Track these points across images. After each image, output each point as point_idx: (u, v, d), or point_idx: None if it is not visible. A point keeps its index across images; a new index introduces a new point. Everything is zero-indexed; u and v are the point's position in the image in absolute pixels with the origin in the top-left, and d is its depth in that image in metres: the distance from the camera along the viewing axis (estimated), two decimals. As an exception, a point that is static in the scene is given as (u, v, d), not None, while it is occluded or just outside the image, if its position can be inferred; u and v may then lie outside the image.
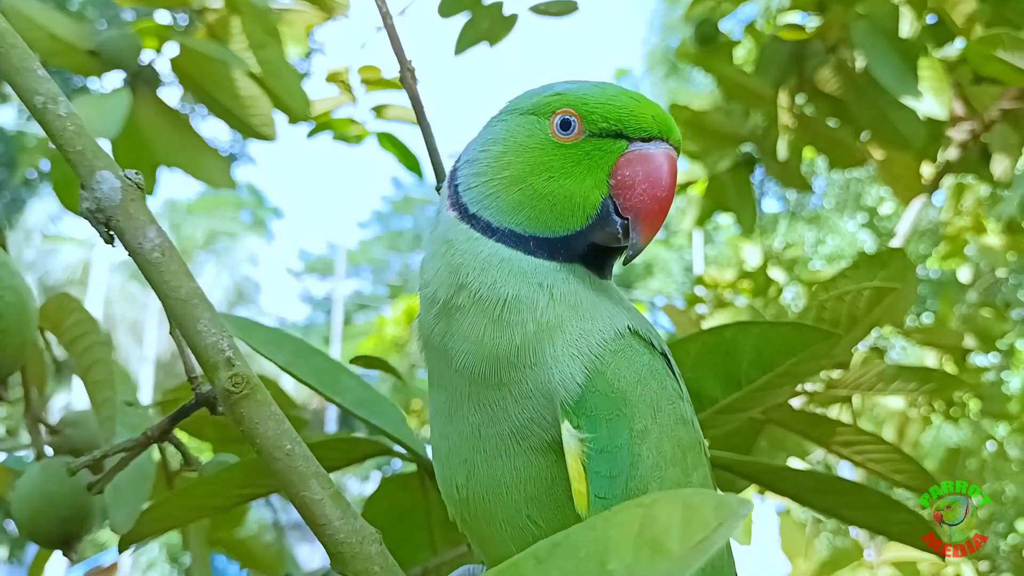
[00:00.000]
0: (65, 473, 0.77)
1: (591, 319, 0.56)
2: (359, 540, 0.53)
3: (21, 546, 5.18)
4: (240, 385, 0.53)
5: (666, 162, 0.56)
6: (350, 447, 0.90)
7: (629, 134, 0.57)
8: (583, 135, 0.57)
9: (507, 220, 0.57)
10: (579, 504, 0.52)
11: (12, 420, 9.05)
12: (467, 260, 0.57)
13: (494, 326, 0.55)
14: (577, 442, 0.53)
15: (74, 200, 1.45)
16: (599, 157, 0.57)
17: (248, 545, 1.35)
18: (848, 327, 0.99)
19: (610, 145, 0.57)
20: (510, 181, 0.58)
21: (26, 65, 0.57)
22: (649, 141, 0.57)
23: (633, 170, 0.56)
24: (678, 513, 0.33)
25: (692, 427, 0.58)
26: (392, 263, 28.91)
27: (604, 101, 0.57)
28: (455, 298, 0.57)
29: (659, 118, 0.57)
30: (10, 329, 0.84)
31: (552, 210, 0.56)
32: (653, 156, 0.56)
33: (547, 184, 0.57)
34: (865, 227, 10.72)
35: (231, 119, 1.49)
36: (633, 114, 0.57)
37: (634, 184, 0.56)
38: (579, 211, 0.56)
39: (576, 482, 0.52)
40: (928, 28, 1.90)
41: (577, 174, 0.57)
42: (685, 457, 0.56)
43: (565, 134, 0.57)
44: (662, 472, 0.54)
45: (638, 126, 0.57)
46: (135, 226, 0.55)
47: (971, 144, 2.11)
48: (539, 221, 0.57)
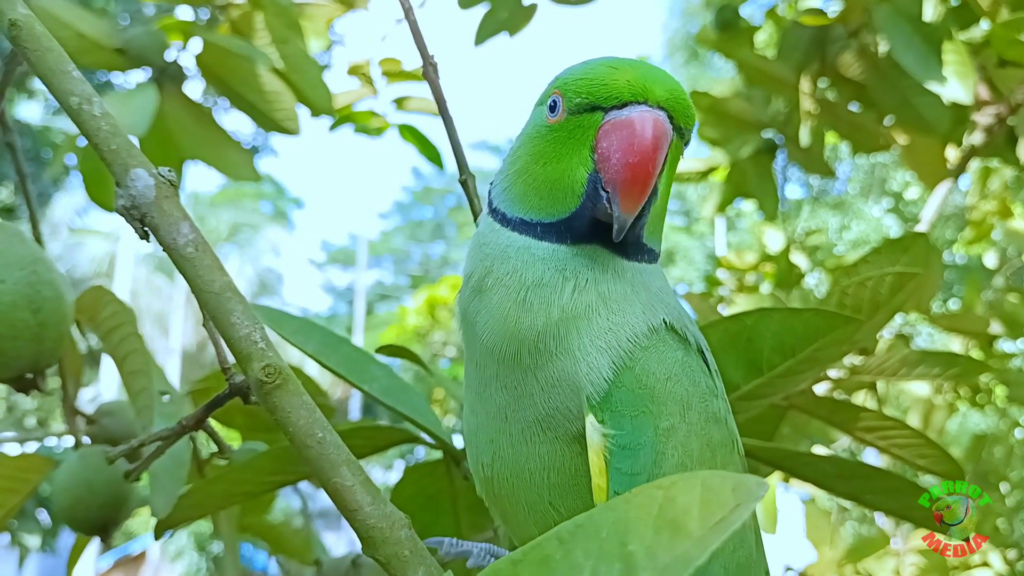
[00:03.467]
0: (103, 461, 0.80)
1: (623, 311, 0.56)
2: (389, 525, 0.55)
3: (53, 535, 5.27)
4: (273, 375, 0.55)
5: (639, 126, 0.53)
6: (377, 435, 0.91)
7: (603, 104, 0.55)
8: (565, 114, 0.56)
9: (517, 210, 0.58)
10: (598, 499, 0.53)
11: (43, 411, 9.21)
12: (491, 250, 0.58)
13: (519, 307, 0.56)
14: (600, 437, 0.53)
15: (102, 194, 1.48)
16: (580, 134, 0.56)
17: (278, 530, 1.37)
18: (870, 313, 0.99)
19: (588, 120, 0.56)
20: (518, 173, 0.59)
21: (62, 67, 0.59)
22: (624, 107, 0.54)
23: (609, 141, 0.54)
24: (697, 494, 0.34)
25: (725, 425, 0.58)
26: (413, 253, 28.99)
27: (580, 76, 0.56)
28: (484, 280, 0.58)
29: (634, 81, 0.54)
30: (49, 323, 0.86)
31: (549, 194, 0.56)
32: (625, 123, 0.54)
33: (543, 170, 0.57)
34: (890, 212, 10.60)
35: (255, 114, 1.50)
36: (604, 83, 0.55)
37: (610, 155, 0.54)
38: (570, 192, 0.56)
39: (597, 477, 0.53)
40: (952, 11, 1.87)
41: (564, 155, 0.56)
42: (715, 456, 0.55)
43: (552, 116, 0.57)
44: (687, 471, 0.53)
45: (610, 94, 0.55)
46: (169, 222, 0.57)
47: (997, 128, 2.08)
48: (540, 207, 0.57)
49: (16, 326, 0.85)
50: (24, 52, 0.59)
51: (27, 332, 0.85)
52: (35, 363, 0.89)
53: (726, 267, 2.94)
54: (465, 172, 0.83)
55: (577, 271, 0.56)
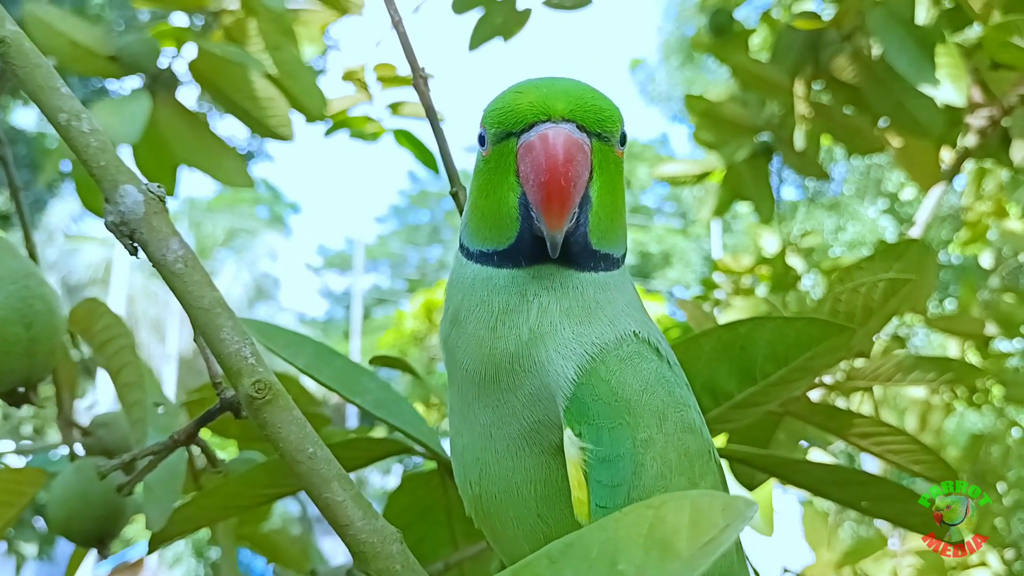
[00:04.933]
0: (98, 474, 0.79)
1: (588, 323, 0.57)
2: (380, 539, 0.55)
3: (50, 543, 5.25)
4: (263, 391, 0.55)
5: (541, 144, 0.54)
6: (370, 447, 0.91)
7: (514, 129, 0.55)
8: (491, 145, 0.57)
9: (475, 243, 0.59)
10: (579, 513, 0.53)
11: (39, 419, 9.18)
12: (461, 285, 0.60)
13: (491, 334, 0.57)
14: (578, 450, 0.53)
15: (96, 202, 1.48)
16: (503, 162, 0.56)
17: (274, 540, 1.37)
18: (864, 319, 0.99)
19: (507, 147, 0.56)
20: (471, 208, 0.60)
21: (50, 84, 0.59)
22: (531, 128, 0.55)
23: (524, 163, 0.55)
24: (686, 514, 0.34)
25: (700, 435, 0.58)
26: (410, 257, 29.01)
27: (494, 106, 0.57)
28: (459, 313, 0.59)
29: (536, 101, 0.55)
30: (40, 337, 0.86)
31: (495, 224, 0.57)
32: (531, 144, 0.54)
33: (485, 201, 0.58)
34: (886, 213, 10.62)
35: (249, 120, 1.50)
36: (511, 109, 0.55)
37: (528, 177, 0.55)
38: (508, 218, 0.56)
39: (576, 490, 0.53)
40: (945, 14, 1.88)
41: (497, 184, 0.57)
42: (692, 466, 0.56)
43: (483, 149, 0.58)
44: (667, 481, 0.54)
45: (516, 119, 0.55)
46: (158, 238, 0.57)
47: (990, 130, 2.09)
48: (491, 237, 0.58)
49: (8, 340, 0.85)
50: (13, 69, 0.59)
51: (19, 346, 0.85)
52: (27, 377, 0.89)
53: (722, 270, 2.95)
54: (456, 184, 0.82)
55: (537, 292, 0.57)
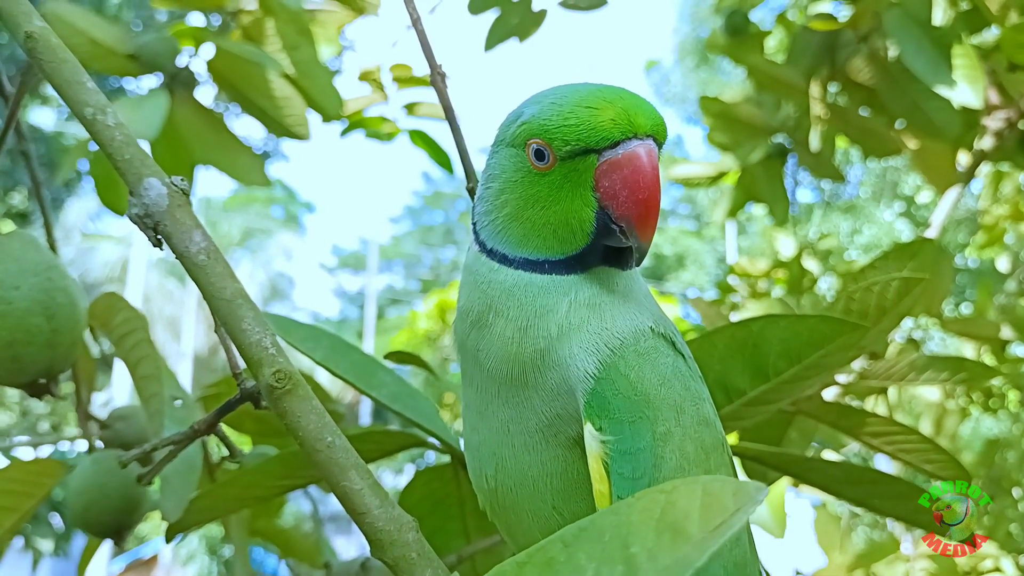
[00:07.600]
0: (116, 466, 0.81)
1: (611, 318, 0.58)
2: (397, 528, 0.56)
3: (67, 539, 5.30)
4: (283, 381, 0.56)
5: (637, 162, 0.56)
6: (385, 439, 0.92)
7: (595, 147, 0.57)
8: (556, 162, 0.58)
9: (519, 251, 0.60)
10: (600, 504, 0.54)
11: (56, 415, 9.25)
12: (493, 289, 0.60)
13: (522, 334, 0.58)
14: (599, 444, 0.54)
15: (115, 199, 1.50)
16: (577, 177, 0.58)
17: (288, 534, 1.38)
18: (876, 318, 0.99)
19: (582, 163, 0.57)
20: (511, 217, 0.60)
21: (77, 78, 0.60)
22: (617, 146, 0.56)
23: (611, 180, 0.56)
24: (697, 499, 0.34)
25: (715, 428, 0.59)
26: (424, 257, 29.05)
27: (561, 122, 0.57)
28: (486, 316, 0.60)
29: (618, 118, 0.56)
30: (63, 329, 0.88)
31: (555, 236, 0.59)
32: (623, 162, 0.56)
33: (542, 214, 0.59)
34: (902, 216, 10.55)
35: (266, 119, 1.52)
36: (591, 127, 0.56)
37: (616, 193, 0.56)
38: (578, 231, 0.58)
39: (598, 483, 0.54)
40: (961, 15, 1.87)
41: (564, 198, 0.58)
42: (708, 458, 0.57)
43: (541, 164, 0.58)
44: (685, 473, 0.55)
45: (600, 137, 0.56)
46: (182, 230, 0.58)
47: (1007, 132, 2.08)
48: (547, 247, 0.59)
49: (30, 332, 0.86)
50: (40, 63, 0.61)
51: (41, 338, 0.87)
52: (49, 368, 0.90)
53: (738, 274, 2.94)
54: (473, 180, 0.83)
55: (577, 291, 0.58)
